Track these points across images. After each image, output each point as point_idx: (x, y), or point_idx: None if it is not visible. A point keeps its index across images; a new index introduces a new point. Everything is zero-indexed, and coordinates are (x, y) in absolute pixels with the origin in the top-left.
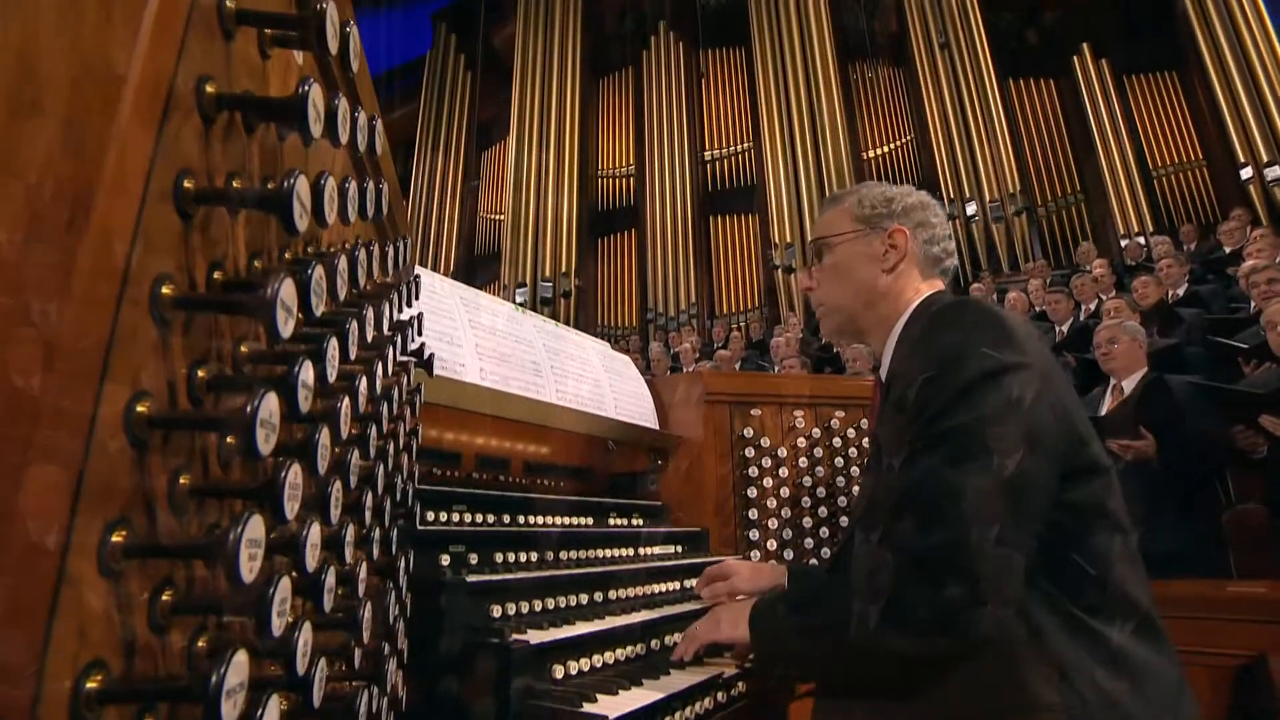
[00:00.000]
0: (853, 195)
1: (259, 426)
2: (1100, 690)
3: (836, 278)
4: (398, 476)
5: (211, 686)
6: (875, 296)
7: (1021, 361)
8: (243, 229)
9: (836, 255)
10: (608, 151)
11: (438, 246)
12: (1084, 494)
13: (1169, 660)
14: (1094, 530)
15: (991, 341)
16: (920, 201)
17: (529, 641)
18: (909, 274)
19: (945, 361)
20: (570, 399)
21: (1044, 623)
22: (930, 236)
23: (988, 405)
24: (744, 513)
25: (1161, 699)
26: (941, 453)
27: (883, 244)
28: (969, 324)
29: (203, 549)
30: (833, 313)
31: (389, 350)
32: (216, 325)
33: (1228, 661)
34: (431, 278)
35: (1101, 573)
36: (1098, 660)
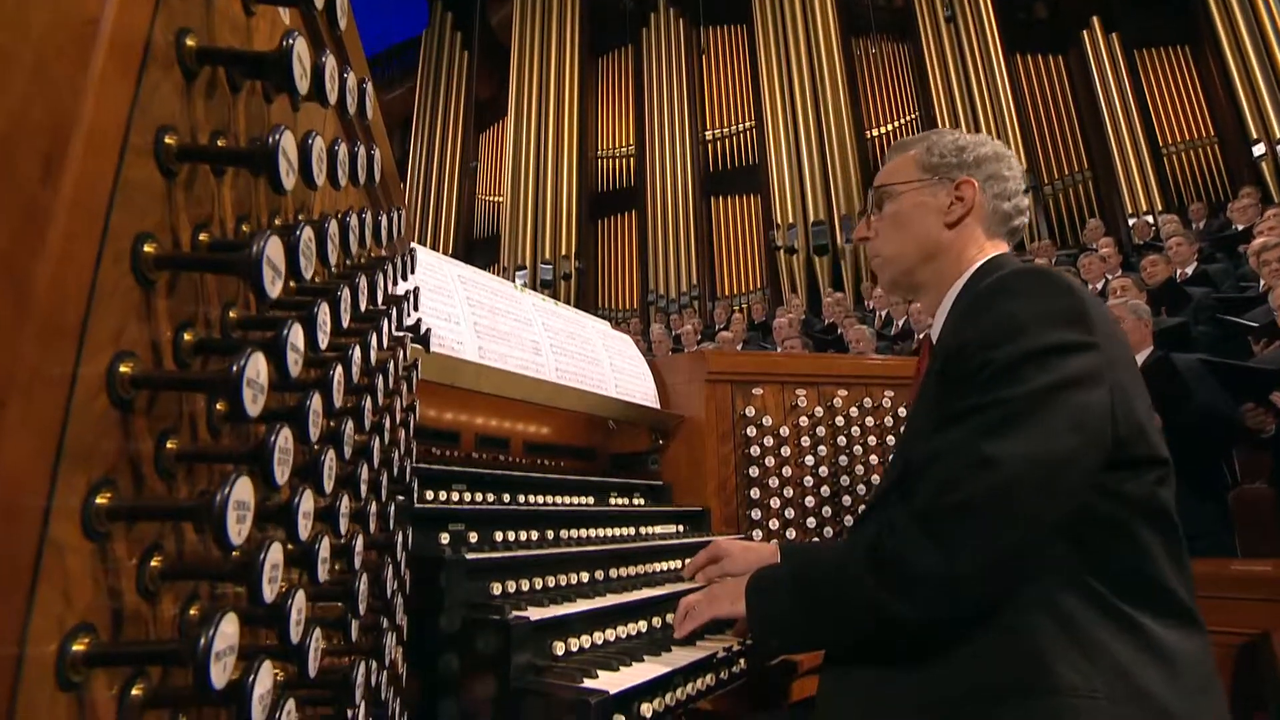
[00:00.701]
0: (922, 142)
1: (245, 386)
2: (1128, 677)
3: (896, 228)
4: (394, 452)
5: (200, 649)
6: (935, 251)
7: (1087, 341)
8: (229, 191)
9: (898, 204)
10: (607, 132)
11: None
12: (1135, 485)
13: (1203, 651)
14: (1140, 522)
15: (1059, 317)
16: (995, 153)
17: (529, 618)
18: (973, 230)
19: (1005, 332)
20: (570, 378)
21: (1075, 609)
22: (1002, 191)
23: (1039, 382)
24: (746, 492)
25: (1193, 687)
26: (978, 422)
27: (949, 195)
28: (1037, 294)
29: (189, 510)
30: (889, 264)
31: (384, 323)
32: (203, 289)
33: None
34: (429, 255)
35: (1143, 565)
36: (1131, 649)
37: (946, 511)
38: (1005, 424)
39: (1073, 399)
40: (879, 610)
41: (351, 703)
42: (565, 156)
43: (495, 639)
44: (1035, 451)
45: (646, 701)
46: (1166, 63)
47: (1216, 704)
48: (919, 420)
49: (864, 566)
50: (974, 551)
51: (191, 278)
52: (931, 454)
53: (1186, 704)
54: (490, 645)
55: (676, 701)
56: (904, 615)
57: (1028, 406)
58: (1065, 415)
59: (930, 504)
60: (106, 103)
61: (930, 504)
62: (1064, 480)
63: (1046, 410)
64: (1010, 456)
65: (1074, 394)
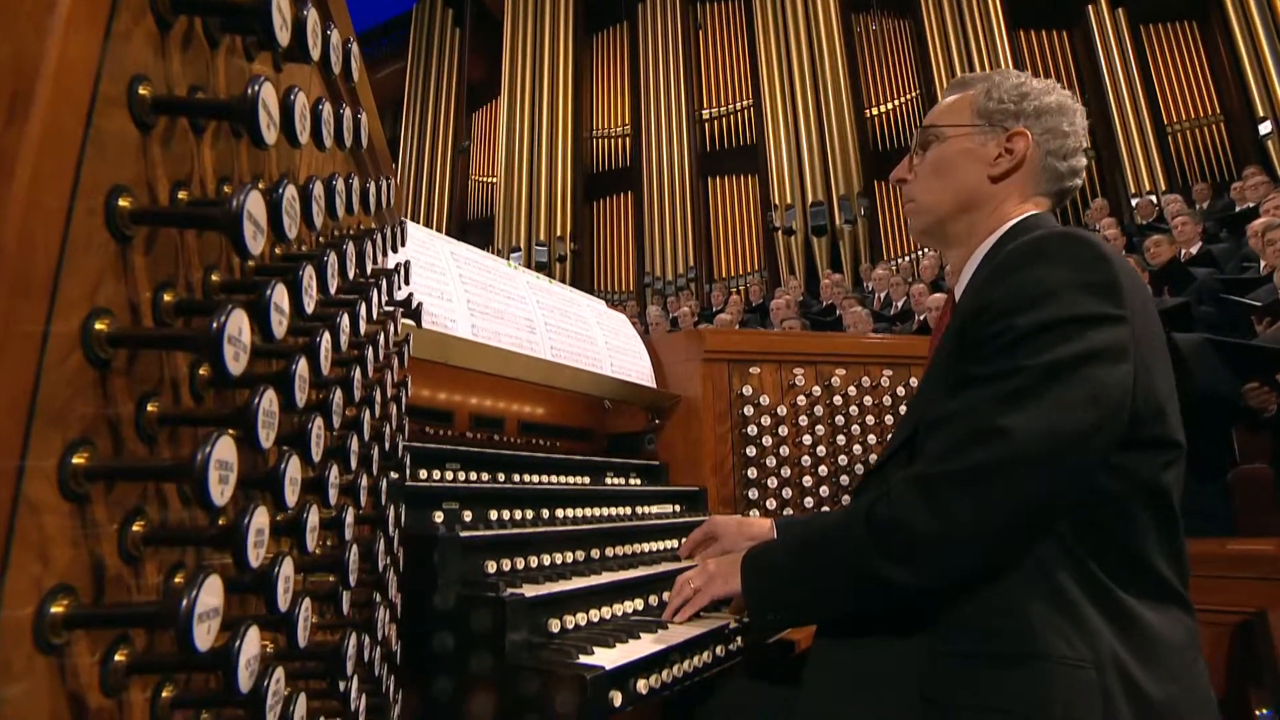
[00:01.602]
0: (983, 83)
1: (226, 343)
2: (1114, 654)
3: (936, 174)
4: (385, 426)
5: (182, 610)
6: (972, 204)
7: (1116, 315)
8: (210, 151)
9: (943, 149)
10: (602, 111)
11: (429, 212)
12: (1144, 467)
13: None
14: (1141, 504)
15: (1090, 286)
16: (1058, 104)
17: (524, 595)
18: (1018, 186)
19: (1032, 297)
20: (565, 356)
21: (1067, 584)
22: (1058, 148)
23: (1060, 353)
24: (743, 472)
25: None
26: (994, 389)
27: (999, 146)
28: (1070, 261)
29: (169, 470)
30: (922, 212)
31: (373, 293)
32: (184, 249)
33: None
34: (420, 231)
35: (1137, 547)
36: (1115, 630)
37: (949, 478)
38: (1021, 394)
39: (1094, 374)
40: (876, 576)
41: (343, 674)
42: (559, 136)
43: (490, 616)
44: (1048, 426)
45: (643, 678)
46: (1173, 38)
47: (1195, 692)
48: (933, 379)
49: (862, 531)
50: (973, 520)
51: (171, 237)
52: (943, 416)
53: (1161, 690)
54: (485, 623)
55: (673, 678)
56: (901, 580)
57: (1046, 378)
58: (1084, 390)
59: (934, 469)
60: (74, 46)
61: (934, 469)
62: (1074, 457)
63: (1065, 383)
64: (1022, 429)
65: (1095, 369)
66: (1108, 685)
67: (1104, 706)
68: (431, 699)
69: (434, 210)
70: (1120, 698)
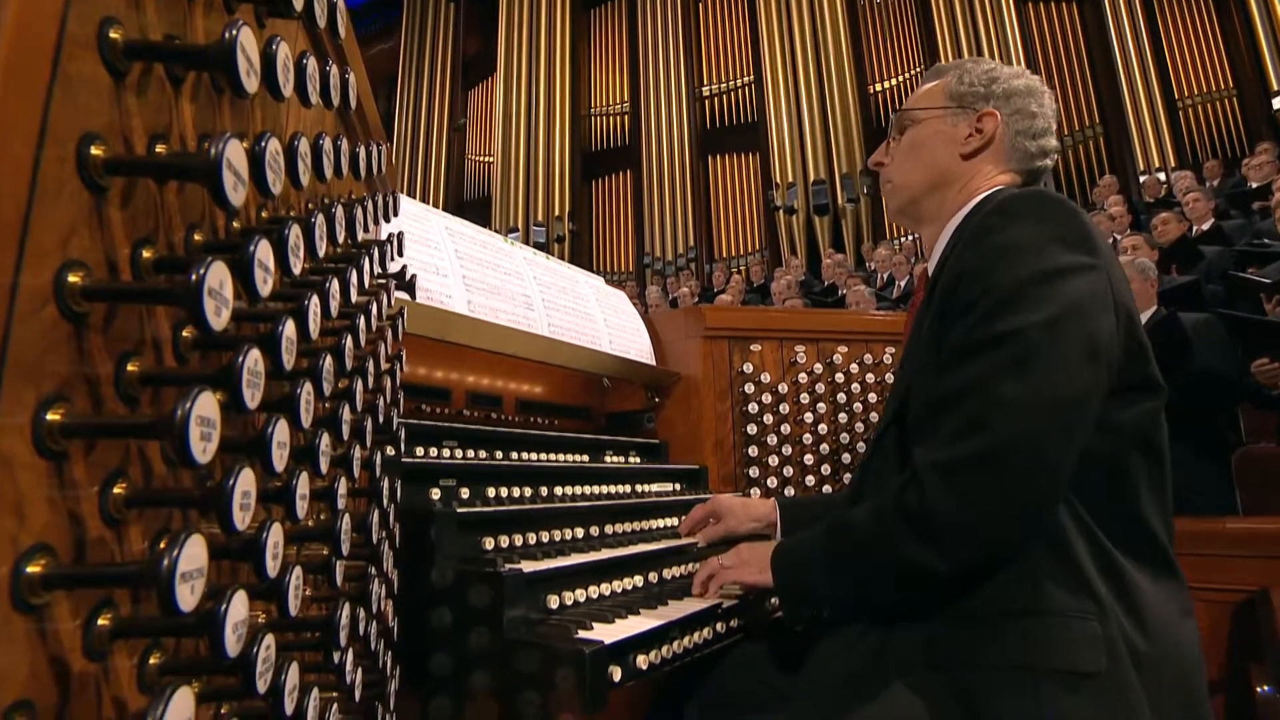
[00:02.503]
0: (955, 69)
1: (207, 296)
2: (1110, 606)
3: (910, 155)
4: (379, 399)
5: (164, 569)
6: (944, 181)
7: (1092, 263)
8: (189, 105)
9: (917, 131)
10: (601, 88)
11: (425, 191)
12: (1131, 415)
13: (1173, 593)
14: (1128, 453)
15: (1062, 237)
16: (1027, 87)
17: (522, 570)
18: (988, 164)
19: (1008, 256)
20: (564, 333)
21: (1067, 536)
22: (1027, 128)
23: (1048, 310)
24: (744, 450)
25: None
26: (992, 358)
27: (970, 126)
28: (1038, 216)
29: (149, 427)
30: (897, 191)
31: (364, 261)
32: (164, 206)
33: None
34: (415, 205)
35: (1125, 498)
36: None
37: (971, 464)
38: (1020, 361)
39: (1085, 326)
40: (919, 568)
41: (337, 645)
42: (557, 114)
43: (488, 592)
44: (1051, 389)
45: (643, 654)
46: (1186, 10)
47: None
48: (918, 354)
49: (897, 524)
50: (1002, 502)
51: (150, 192)
52: (949, 394)
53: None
54: (483, 598)
55: (673, 654)
56: (942, 569)
57: (1041, 339)
58: (1079, 346)
59: (955, 453)
60: None
61: (955, 453)
62: (1080, 416)
63: (1060, 341)
64: (1030, 400)
65: (1085, 320)
66: (1111, 635)
67: (1108, 653)
68: (430, 675)
69: (430, 190)
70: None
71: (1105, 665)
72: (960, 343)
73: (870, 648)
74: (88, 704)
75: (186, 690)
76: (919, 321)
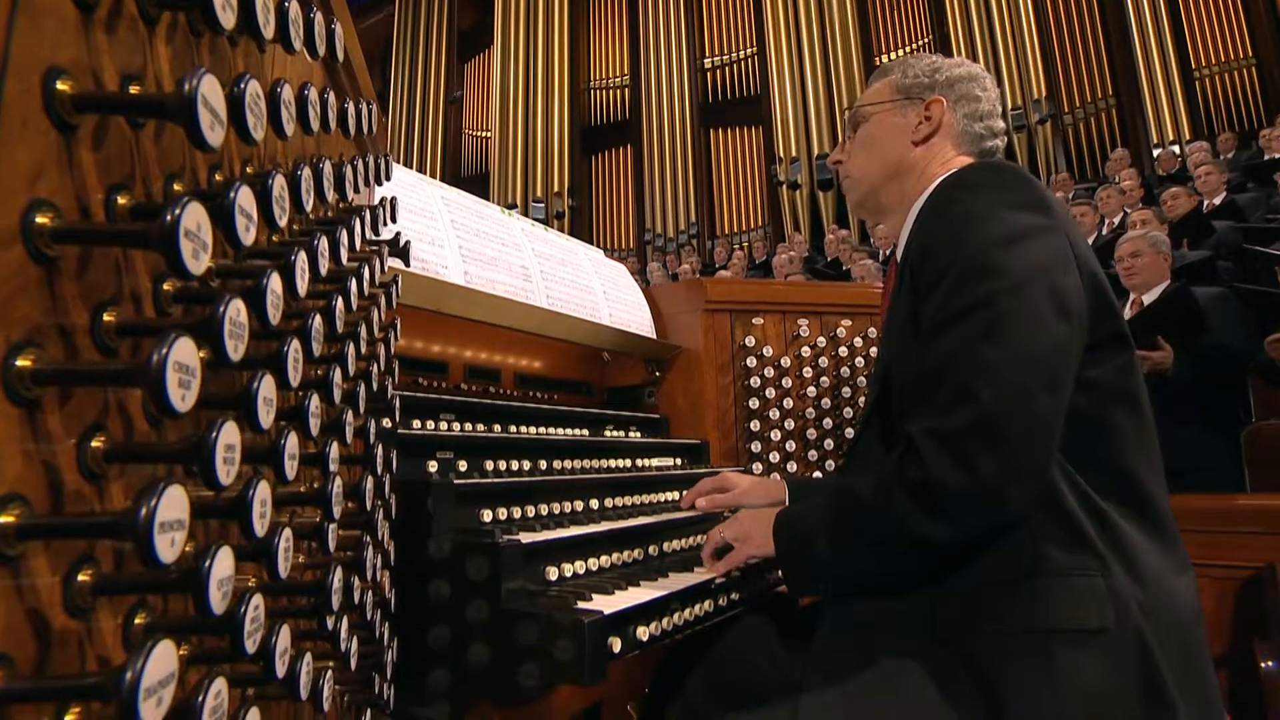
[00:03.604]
0: (899, 66)
1: (183, 237)
2: (1102, 560)
3: (865, 149)
4: (372, 366)
5: (141, 517)
6: (900, 170)
7: (1049, 224)
8: (163, 46)
9: (870, 126)
10: (600, 60)
11: (421, 167)
12: (1106, 370)
13: (1166, 547)
14: (1109, 410)
15: (1019, 203)
16: (969, 74)
17: (520, 541)
18: (941, 149)
19: (969, 226)
20: (563, 305)
21: (1060, 493)
22: (973, 111)
23: (1015, 273)
24: (746, 425)
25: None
26: (967, 326)
27: (918, 115)
28: (994, 185)
29: (124, 373)
30: (856, 185)
31: (355, 223)
32: (140, 151)
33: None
34: (409, 174)
35: (1109, 453)
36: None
37: (967, 430)
38: (996, 326)
39: (1052, 284)
40: (925, 539)
41: (329, 609)
42: (556, 87)
43: (486, 563)
44: (1031, 346)
45: (643, 625)
46: None
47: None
48: (895, 334)
49: (899, 496)
50: (1000, 467)
51: (124, 136)
52: (934, 367)
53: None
54: (481, 570)
55: (674, 626)
56: (945, 538)
57: (1012, 302)
58: (1049, 304)
59: (948, 422)
60: None
61: (948, 422)
62: (1062, 369)
63: (1030, 302)
64: (1011, 360)
65: (1051, 279)
66: (1116, 588)
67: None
68: (428, 647)
69: (427, 166)
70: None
71: (1112, 619)
72: (935, 316)
73: (875, 619)
74: (69, 660)
75: (169, 644)
76: (894, 304)
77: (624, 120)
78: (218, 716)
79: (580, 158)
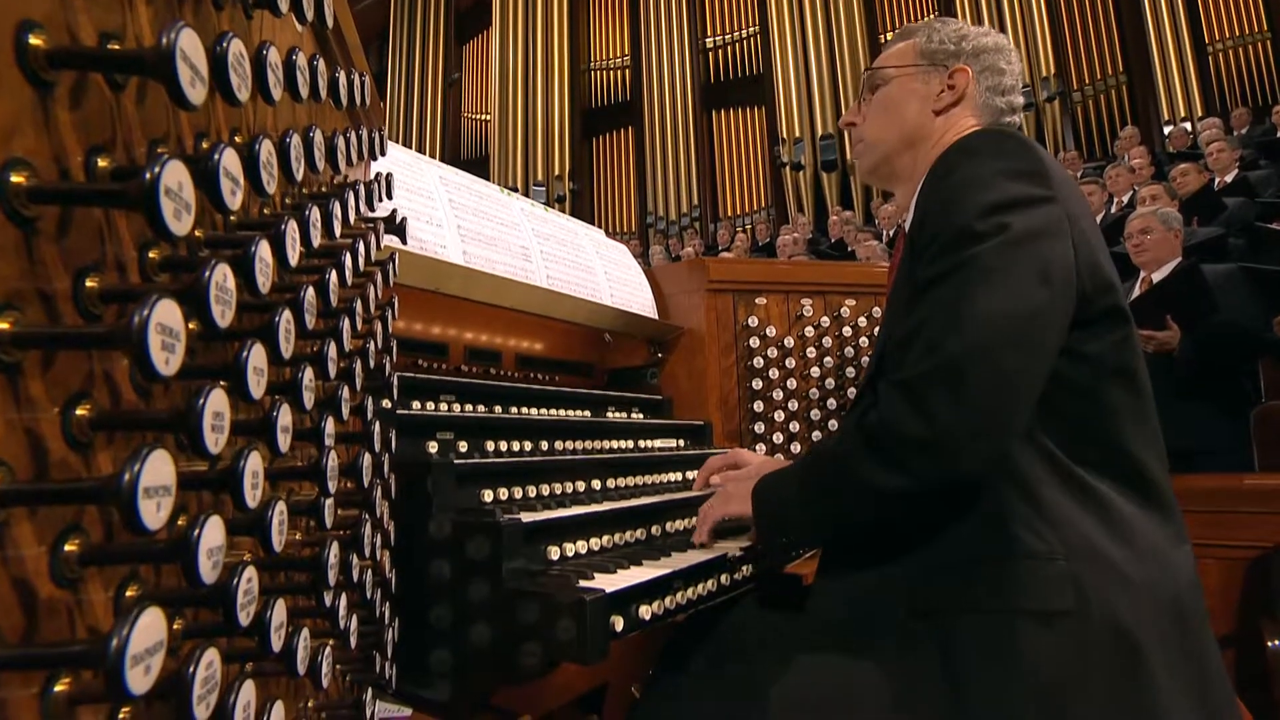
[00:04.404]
0: (924, 29)
1: (164, 196)
2: (1089, 542)
3: (883, 113)
4: (369, 343)
5: (124, 483)
6: (917, 138)
7: (1047, 195)
8: (143, 4)
9: (889, 90)
10: (600, 41)
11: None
12: (1102, 346)
13: (1163, 521)
14: (1105, 385)
15: (1017, 171)
16: (995, 45)
17: (521, 520)
18: (960, 119)
19: (964, 192)
20: (563, 286)
21: (1033, 475)
22: (996, 85)
23: (1000, 238)
24: (749, 406)
25: (1145, 554)
26: (949, 285)
27: (941, 83)
28: (994, 153)
29: (105, 336)
30: (869, 150)
31: (349, 196)
32: (122, 116)
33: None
34: (405, 153)
35: (1104, 429)
36: (1088, 516)
37: (924, 378)
38: (975, 282)
39: (1038, 251)
40: (875, 485)
41: (325, 583)
42: (556, 69)
43: (486, 543)
44: (1006, 306)
45: (645, 604)
46: None
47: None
48: (896, 304)
49: (855, 443)
50: (954, 415)
51: (104, 98)
52: (913, 325)
53: (1142, 570)
54: (481, 549)
55: (676, 605)
56: (898, 487)
57: (994, 262)
58: (1032, 268)
59: (912, 371)
60: None
61: (912, 371)
62: (1038, 333)
63: (1014, 263)
64: (982, 313)
65: (1038, 246)
66: (1078, 572)
67: (1075, 594)
68: (429, 626)
69: (425, 149)
70: (1094, 584)
71: (1073, 604)
72: (920, 279)
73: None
74: (59, 632)
75: (156, 611)
76: (898, 279)
77: (625, 102)
78: (209, 687)
79: (581, 140)
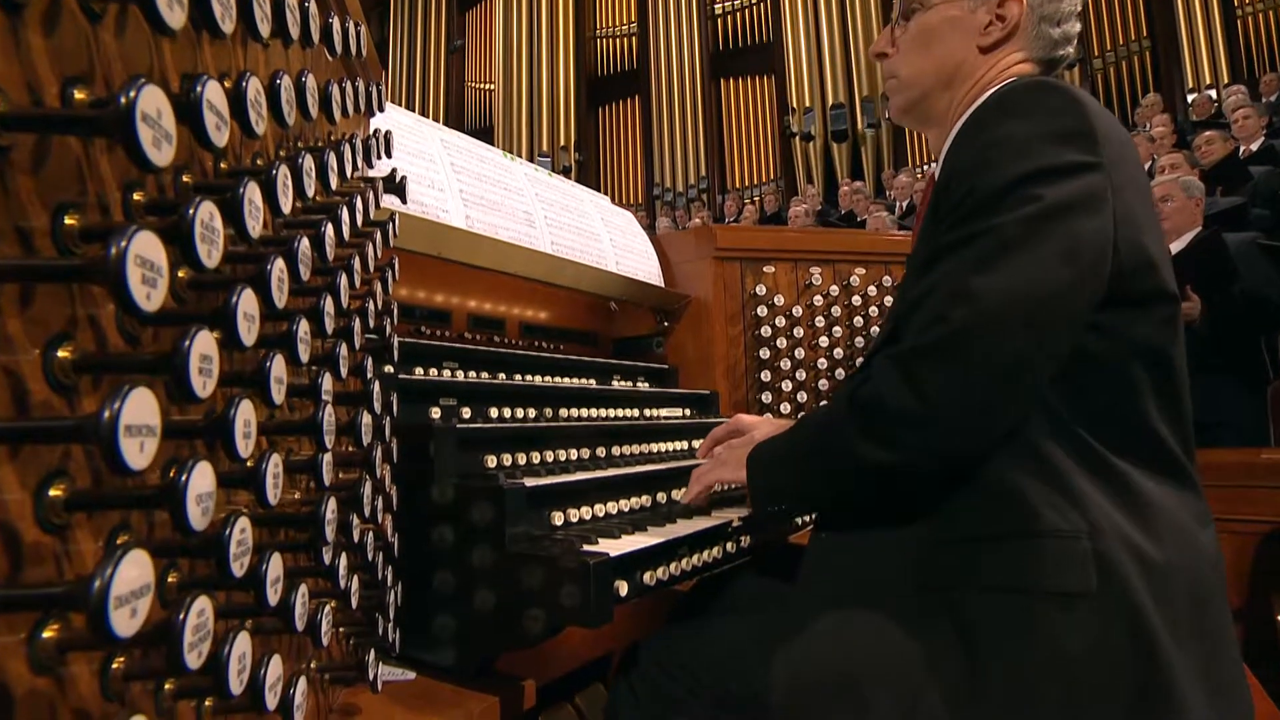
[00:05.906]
0: None
1: (141, 122)
2: (1112, 521)
3: (919, 45)
4: (368, 302)
5: (104, 421)
6: (957, 76)
7: (1089, 162)
8: None
9: (927, 17)
10: (606, 7)
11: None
12: (1136, 325)
13: (1187, 501)
14: (1134, 364)
15: (1059, 135)
16: None
17: (524, 484)
18: (1006, 55)
19: (998, 154)
20: (568, 252)
21: (1056, 456)
22: (1052, 13)
23: (1030, 208)
24: (756, 375)
25: (1167, 537)
26: (965, 255)
27: (989, 13)
28: (1036, 110)
29: (81, 269)
30: (903, 88)
31: (345, 149)
32: (100, 47)
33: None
34: (406, 115)
35: (1134, 411)
36: (1109, 497)
37: (921, 351)
38: (992, 255)
39: (1067, 227)
40: (861, 457)
41: (323, 539)
42: (560, 36)
43: (489, 508)
44: (1020, 285)
45: (650, 570)
46: None
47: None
48: (913, 263)
49: (844, 412)
50: (945, 392)
51: (80, 26)
52: (920, 294)
53: (1163, 553)
54: (485, 515)
55: (681, 571)
56: (884, 460)
57: (1017, 235)
58: (1058, 245)
59: (908, 344)
60: None
61: (908, 344)
62: (1052, 316)
63: (1038, 238)
64: (992, 290)
65: (1069, 221)
66: (1103, 551)
67: (1098, 573)
68: (433, 591)
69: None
70: (1118, 563)
71: (1095, 585)
72: (937, 245)
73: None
74: (45, 575)
75: (141, 553)
76: (920, 234)
77: (631, 70)
78: (201, 635)
79: (586, 110)
